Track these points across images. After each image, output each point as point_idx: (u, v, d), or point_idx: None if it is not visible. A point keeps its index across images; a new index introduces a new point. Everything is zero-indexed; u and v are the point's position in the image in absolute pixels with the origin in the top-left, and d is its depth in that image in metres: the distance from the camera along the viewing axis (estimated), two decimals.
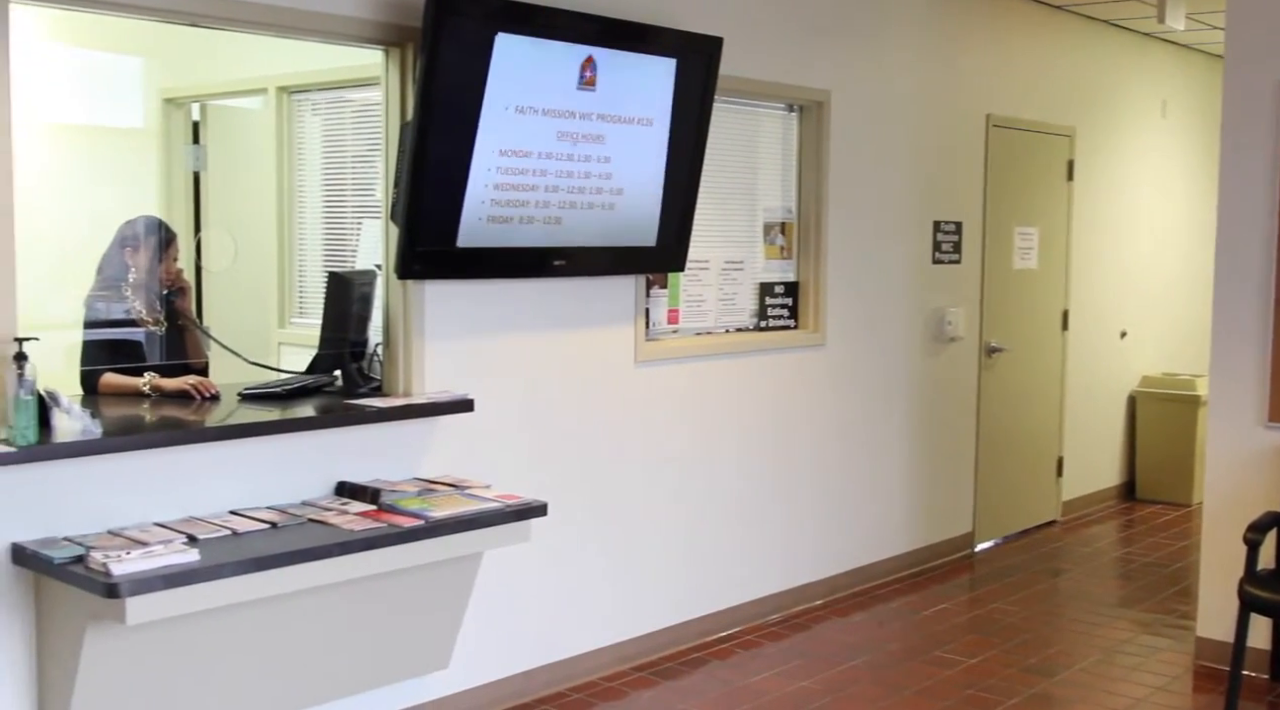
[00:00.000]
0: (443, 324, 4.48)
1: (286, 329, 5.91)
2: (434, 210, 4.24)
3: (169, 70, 6.19)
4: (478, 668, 4.68)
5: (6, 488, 3.45)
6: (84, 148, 6.06)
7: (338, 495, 4.15)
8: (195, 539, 3.55)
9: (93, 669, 3.41)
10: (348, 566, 3.69)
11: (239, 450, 3.95)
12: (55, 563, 3.33)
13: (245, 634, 3.73)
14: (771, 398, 5.88)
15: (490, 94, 4.27)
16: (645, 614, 5.35)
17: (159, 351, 4.65)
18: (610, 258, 4.92)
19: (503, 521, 4.07)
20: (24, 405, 3.39)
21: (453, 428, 4.50)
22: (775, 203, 6.01)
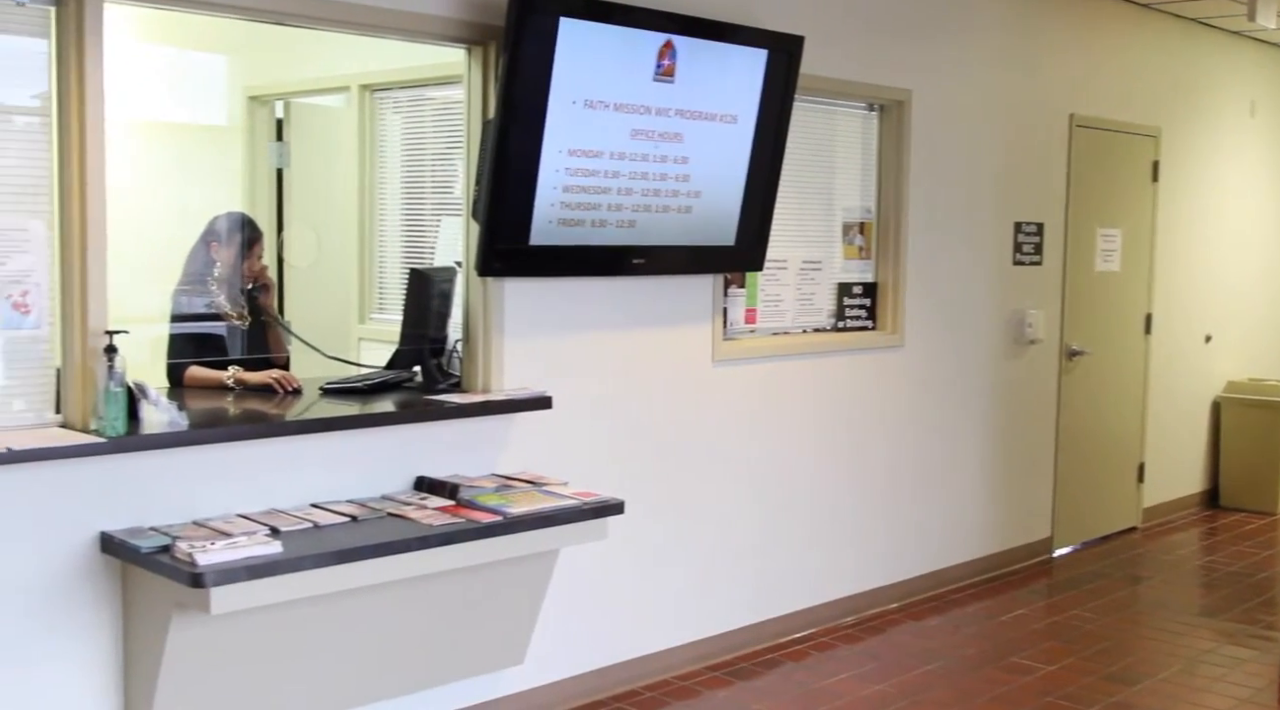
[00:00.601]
0: (522, 321, 4.50)
1: (367, 325, 5.97)
2: (510, 209, 4.24)
3: (254, 68, 6.27)
4: (552, 664, 4.69)
5: (96, 478, 3.51)
6: (171, 145, 6.16)
7: (417, 490, 4.18)
8: (278, 531, 3.59)
9: (177, 657, 3.46)
10: (426, 561, 3.72)
11: (320, 444, 3.99)
12: (142, 552, 3.39)
13: (324, 626, 3.76)
14: (848, 399, 5.84)
15: (557, 87, 4.21)
16: (719, 613, 5.34)
17: (242, 345, 4.71)
18: (688, 257, 4.91)
19: (580, 519, 4.08)
20: (114, 397, 3.45)
21: (531, 424, 4.52)
22: (854, 202, 5.97)
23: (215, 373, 4.40)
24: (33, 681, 3.46)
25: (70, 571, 3.49)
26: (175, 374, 4.45)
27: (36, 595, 3.44)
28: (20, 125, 3.50)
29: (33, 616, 3.44)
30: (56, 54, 3.49)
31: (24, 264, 3.46)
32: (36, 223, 3.49)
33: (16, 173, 3.47)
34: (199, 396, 4.28)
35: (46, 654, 3.48)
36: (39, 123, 3.51)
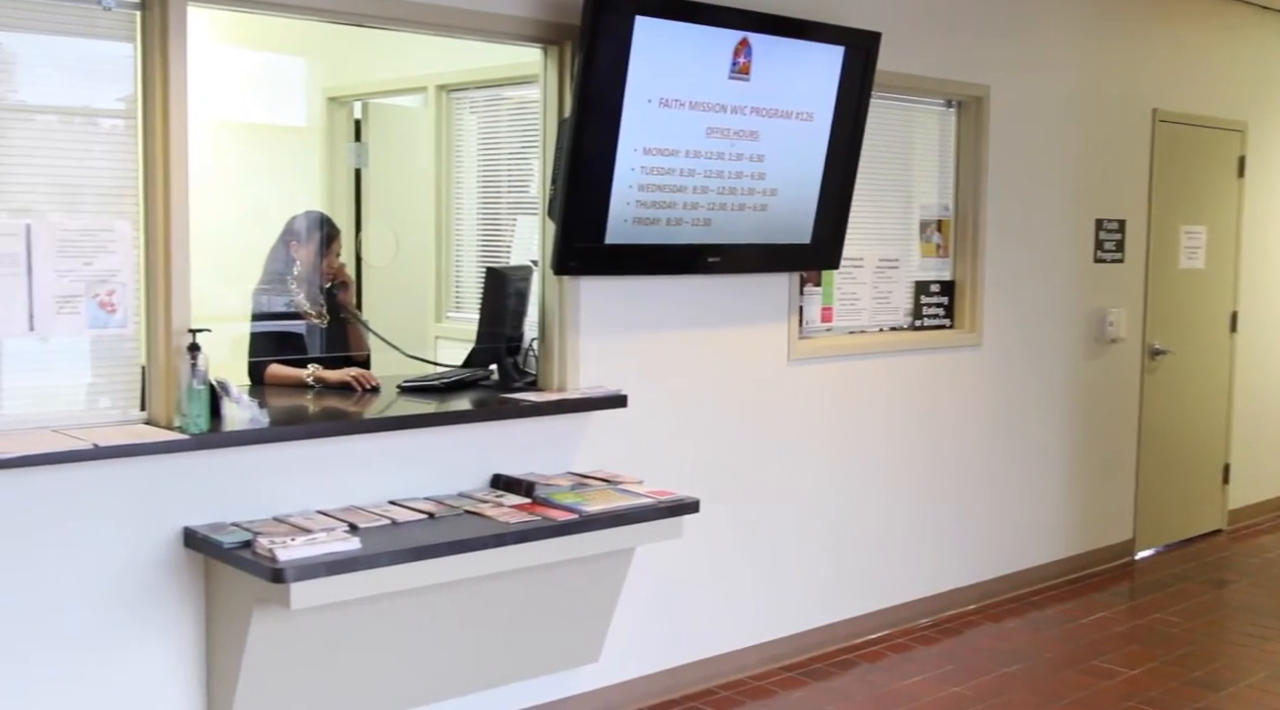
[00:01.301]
0: (597, 320, 4.51)
1: (443, 323, 6.02)
2: (586, 208, 4.25)
3: (332, 70, 6.35)
4: (628, 662, 4.70)
5: (179, 473, 3.57)
6: (251, 146, 6.25)
7: (493, 487, 4.20)
8: (356, 527, 3.63)
9: (258, 650, 3.51)
10: (503, 558, 3.73)
11: (398, 441, 4.03)
12: (224, 547, 3.44)
13: (402, 622, 3.80)
14: (925, 397, 5.79)
15: (632, 86, 4.21)
16: (794, 613, 5.31)
17: (320, 344, 4.77)
18: (764, 255, 4.89)
19: (655, 517, 4.08)
20: (196, 394, 3.51)
21: (606, 423, 4.53)
22: (932, 200, 5.91)
23: (295, 371, 4.46)
24: (120, 673, 3.53)
25: (155, 566, 3.55)
26: (256, 372, 4.51)
27: (123, 589, 3.51)
28: (106, 128, 3.57)
29: (120, 609, 3.51)
30: (141, 57, 3.55)
31: (110, 264, 3.52)
32: (122, 223, 3.55)
33: (103, 175, 3.53)
34: (279, 394, 4.34)
35: (133, 646, 3.54)
36: (125, 125, 3.57)
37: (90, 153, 3.53)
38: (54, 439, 3.33)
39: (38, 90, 3.47)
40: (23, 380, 3.49)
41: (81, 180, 3.51)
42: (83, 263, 3.48)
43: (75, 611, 3.44)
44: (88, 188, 3.52)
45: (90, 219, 3.50)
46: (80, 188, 3.51)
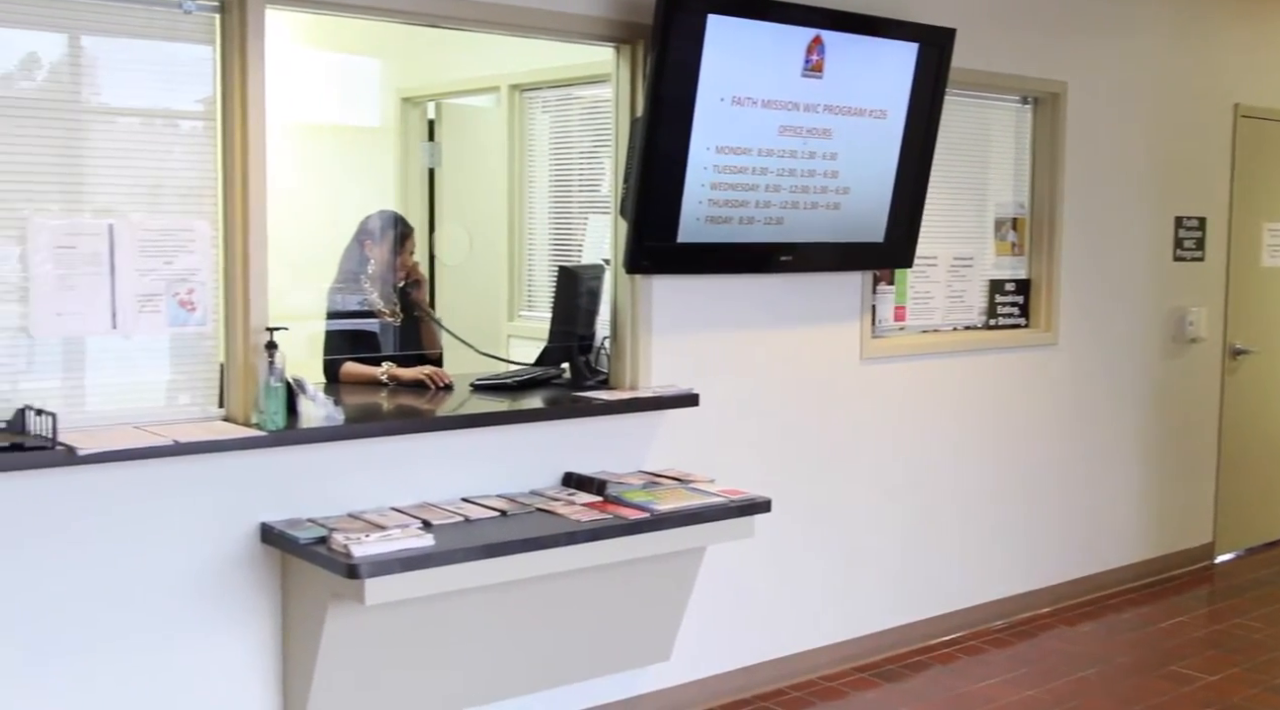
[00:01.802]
0: (669, 318, 4.51)
1: (515, 322, 6.05)
2: (658, 207, 4.25)
3: (406, 71, 6.40)
4: (699, 661, 4.69)
5: (257, 470, 3.62)
6: (326, 146, 6.32)
7: (565, 486, 4.22)
8: (430, 524, 3.65)
9: (333, 645, 3.55)
10: (575, 556, 3.75)
11: (471, 439, 4.05)
12: (300, 543, 3.48)
13: (474, 619, 3.82)
14: (999, 397, 5.73)
15: (705, 84, 4.21)
16: (866, 614, 5.28)
17: (394, 342, 4.81)
18: (837, 254, 4.86)
19: (727, 516, 4.07)
20: (274, 392, 3.55)
21: (677, 422, 4.52)
22: (1006, 198, 5.85)
23: (370, 369, 4.50)
24: (200, 665, 3.59)
25: (233, 561, 3.61)
26: (331, 370, 4.56)
27: (203, 583, 3.57)
28: (186, 129, 3.63)
29: (200, 602, 3.57)
30: (221, 59, 3.60)
31: (190, 263, 3.58)
32: (202, 223, 3.61)
33: (183, 175, 3.59)
34: (353, 392, 4.38)
35: (213, 639, 3.60)
36: (204, 127, 3.63)
37: (170, 154, 3.59)
38: (136, 435, 3.38)
39: (119, 92, 3.53)
40: (105, 377, 3.56)
41: (162, 181, 3.57)
42: (163, 262, 3.54)
43: (157, 604, 3.50)
44: (168, 188, 3.58)
45: (171, 219, 3.56)
46: (161, 188, 3.57)
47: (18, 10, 3.31)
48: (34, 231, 3.36)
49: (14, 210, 3.34)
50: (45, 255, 3.38)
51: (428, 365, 4.60)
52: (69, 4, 3.38)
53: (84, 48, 3.46)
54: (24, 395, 3.37)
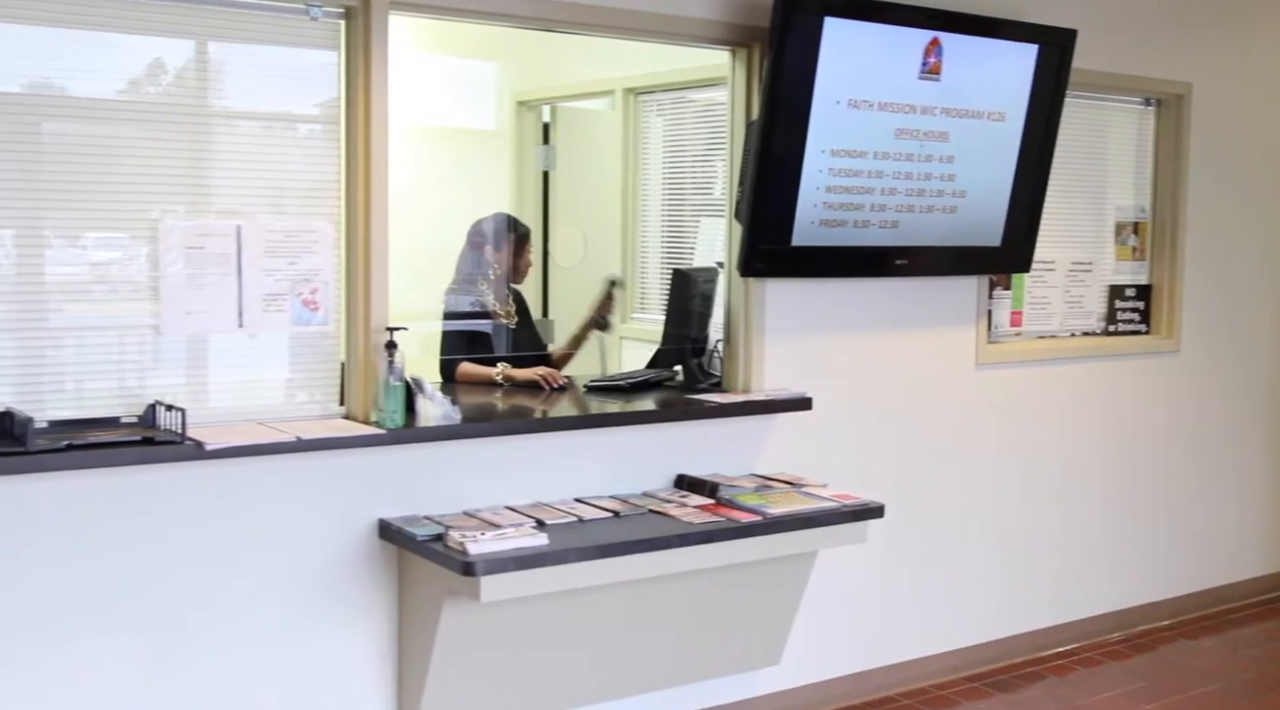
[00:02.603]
0: (782, 321, 4.50)
1: (628, 324, 6.07)
2: (773, 210, 4.25)
3: (521, 74, 6.47)
4: (809, 666, 4.67)
5: (376, 467, 3.68)
6: (444, 149, 6.40)
7: (677, 487, 4.23)
8: (544, 523, 3.69)
9: (447, 641, 3.60)
10: (687, 558, 3.75)
11: (584, 440, 4.08)
12: (417, 539, 3.54)
13: (586, 618, 3.85)
14: (1119, 405, 5.62)
15: (820, 87, 4.19)
16: (979, 622, 5.21)
17: (506, 343, 4.87)
18: (952, 258, 4.81)
19: (839, 521, 4.05)
20: (393, 390, 3.62)
21: (790, 425, 4.51)
22: (1127, 201, 5.73)
23: (485, 369, 4.56)
24: (318, 657, 3.67)
25: (351, 556, 3.68)
26: (447, 370, 4.63)
27: (322, 577, 3.64)
28: (310, 133, 3.71)
29: (319, 596, 3.64)
30: (345, 64, 3.68)
31: (313, 263, 3.66)
32: (325, 225, 3.68)
33: (308, 177, 3.67)
34: (468, 391, 4.44)
35: (330, 632, 3.67)
36: (328, 130, 3.71)
37: (295, 156, 3.68)
38: (260, 431, 3.47)
39: (245, 97, 3.62)
40: (229, 374, 3.64)
41: (286, 183, 3.66)
42: (288, 262, 3.63)
43: (279, 596, 3.58)
44: (292, 190, 3.66)
45: (295, 220, 3.64)
46: (285, 190, 3.66)
47: (149, 18, 3.41)
48: (165, 232, 3.46)
49: (143, 212, 3.44)
50: (176, 255, 3.48)
51: (543, 366, 4.65)
52: (198, 12, 3.47)
53: (211, 54, 3.55)
54: (152, 391, 3.47)
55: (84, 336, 3.41)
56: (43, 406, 3.30)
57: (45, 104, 3.33)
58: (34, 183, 3.30)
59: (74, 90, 3.36)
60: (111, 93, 3.41)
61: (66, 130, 3.37)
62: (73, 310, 3.39)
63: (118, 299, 3.44)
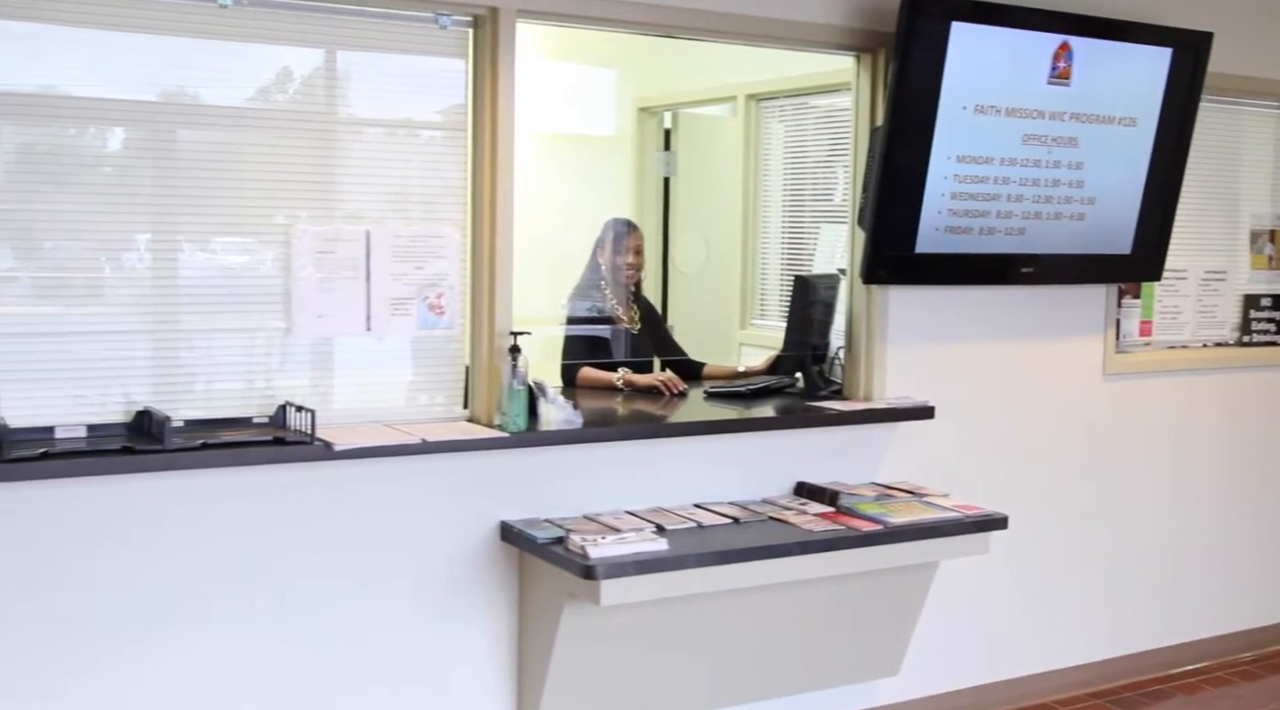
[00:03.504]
0: (904, 329, 4.46)
1: (747, 330, 6.07)
2: (897, 216, 4.22)
3: (643, 81, 6.49)
4: (928, 677, 4.62)
5: (498, 470, 3.73)
6: (564, 155, 6.46)
7: (796, 495, 4.21)
8: (663, 528, 3.70)
9: (567, 644, 3.63)
10: (806, 566, 3.74)
11: (704, 446, 4.08)
12: (539, 542, 3.57)
13: (703, 624, 3.85)
14: (1250, 417, 5.46)
15: (946, 93, 4.16)
16: (1105, 638, 5.10)
17: (625, 348, 4.89)
18: (1080, 266, 4.72)
19: (962, 532, 4.00)
20: (517, 394, 3.66)
21: (912, 434, 4.47)
22: (1263, 208, 5.57)
23: (606, 374, 4.59)
24: (440, 655, 3.72)
25: (473, 557, 3.72)
26: (568, 375, 4.66)
27: (444, 577, 3.70)
28: (437, 139, 3.77)
29: (442, 595, 3.70)
30: (473, 71, 3.73)
31: (439, 268, 3.72)
32: (451, 230, 3.74)
33: (433, 183, 3.74)
34: (588, 396, 4.46)
35: (451, 632, 3.73)
36: (454, 137, 3.76)
37: (421, 162, 3.74)
38: (387, 433, 3.53)
39: (373, 104, 3.69)
40: (355, 376, 3.71)
41: (413, 189, 3.72)
42: (415, 267, 3.69)
43: (403, 594, 3.65)
44: (419, 196, 3.73)
45: (423, 225, 3.70)
46: (412, 196, 3.72)
47: (281, 28, 3.50)
48: (296, 237, 3.54)
49: (271, 217, 3.53)
50: (307, 260, 3.55)
51: (663, 372, 4.66)
52: (329, 21, 3.55)
53: (340, 62, 3.63)
54: (278, 392, 3.56)
55: (214, 338, 3.51)
56: (175, 406, 3.40)
57: (179, 112, 3.44)
58: (168, 189, 3.40)
59: (206, 98, 3.46)
60: (241, 101, 3.50)
61: (199, 138, 3.47)
62: (204, 313, 3.48)
63: (247, 302, 3.53)
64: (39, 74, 3.25)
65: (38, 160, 3.27)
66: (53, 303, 3.32)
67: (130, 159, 3.40)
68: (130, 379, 3.39)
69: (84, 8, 3.26)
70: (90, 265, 3.35)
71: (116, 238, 3.37)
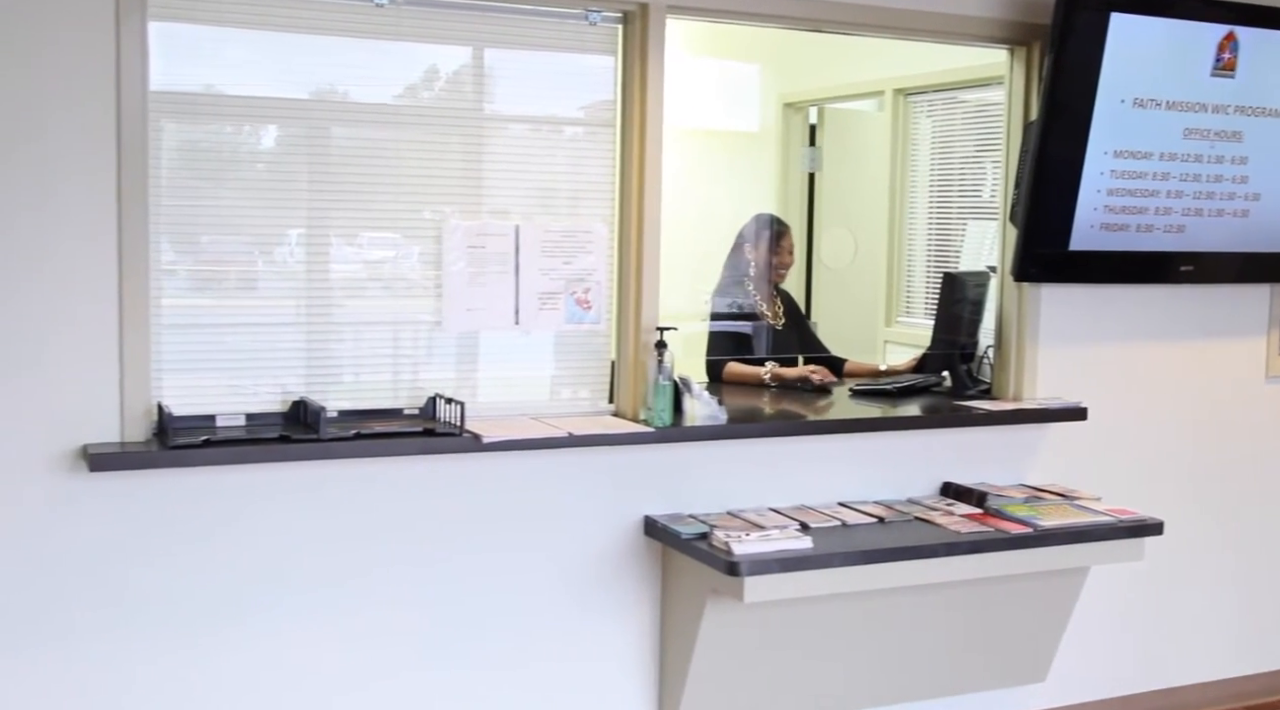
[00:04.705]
0: (1057, 328, 4.36)
1: (893, 327, 6.00)
2: (1050, 213, 4.13)
3: (787, 76, 6.46)
4: (1076, 685, 4.52)
5: (643, 465, 3.74)
6: (710, 151, 6.45)
7: (943, 495, 4.15)
8: (807, 527, 3.68)
9: (709, 639, 3.63)
10: (953, 568, 3.68)
11: (849, 444, 4.05)
12: (682, 537, 3.58)
13: (847, 624, 3.82)
14: None
15: (1104, 86, 4.05)
16: (1263, 650, 4.93)
17: (768, 344, 4.87)
18: (1243, 264, 4.55)
19: (1115, 537, 3.89)
20: (662, 390, 3.67)
21: (1062, 436, 4.37)
22: None
23: (754, 369, 4.59)
24: (582, 646, 3.76)
25: (617, 551, 3.75)
26: (713, 370, 4.66)
27: (588, 569, 3.73)
28: (587, 135, 3.79)
29: (585, 587, 3.73)
30: (622, 67, 3.75)
31: (587, 263, 3.74)
32: (600, 225, 3.76)
33: (581, 179, 3.76)
34: (731, 392, 4.45)
35: (594, 624, 3.76)
36: (602, 133, 3.78)
37: (569, 159, 3.77)
38: (533, 426, 3.57)
39: (521, 101, 3.73)
40: (502, 370, 3.76)
41: (561, 184, 3.76)
42: (563, 262, 3.72)
43: (548, 586, 3.69)
44: (567, 191, 3.76)
45: (571, 221, 3.73)
46: (559, 191, 3.75)
47: (431, 27, 3.56)
48: (448, 232, 3.60)
49: (420, 212, 3.60)
50: (458, 254, 3.61)
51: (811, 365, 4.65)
52: (480, 19, 3.60)
53: (488, 59, 3.67)
54: (425, 384, 3.62)
55: (363, 331, 3.59)
56: (326, 396, 3.49)
57: (332, 110, 3.52)
58: (320, 185, 3.49)
59: (358, 96, 3.53)
60: (392, 98, 3.57)
61: (351, 135, 3.55)
62: (354, 306, 3.57)
63: (396, 295, 3.61)
64: (200, 74, 3.36)
65: (197, 157, 3.38)
66: (211, 295, 3.43)
67: (285, 156, 3.50)
68: (284, 369, 3.48)
69: (244, 8, 3.36)
70: (246, 259, 3.45)
71: (271, 232, 3.47)
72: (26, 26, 3.09)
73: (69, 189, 3.15)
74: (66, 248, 3.16)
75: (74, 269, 3.17)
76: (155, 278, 3.28)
